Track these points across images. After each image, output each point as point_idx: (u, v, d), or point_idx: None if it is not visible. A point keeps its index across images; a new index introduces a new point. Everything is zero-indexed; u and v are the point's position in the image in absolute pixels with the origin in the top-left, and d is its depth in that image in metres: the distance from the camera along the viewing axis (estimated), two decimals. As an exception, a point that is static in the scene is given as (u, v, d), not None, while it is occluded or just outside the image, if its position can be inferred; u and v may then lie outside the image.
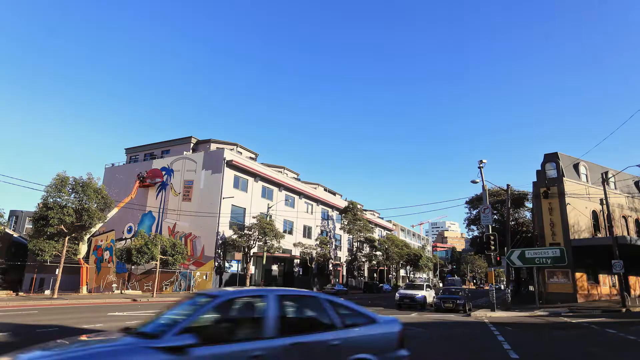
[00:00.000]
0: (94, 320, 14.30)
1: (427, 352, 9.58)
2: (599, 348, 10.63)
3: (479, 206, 41.03)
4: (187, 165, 43.12)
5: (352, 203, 55.26)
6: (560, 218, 29.82)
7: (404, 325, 5.71)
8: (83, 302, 24.18)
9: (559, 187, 30.14)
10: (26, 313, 17.30)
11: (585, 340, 12.13)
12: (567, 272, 28.96)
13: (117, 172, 49.02)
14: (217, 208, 39.25)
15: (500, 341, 11.09)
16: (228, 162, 40.69)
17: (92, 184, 30.01)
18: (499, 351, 9.52)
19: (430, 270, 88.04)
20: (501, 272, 61.29)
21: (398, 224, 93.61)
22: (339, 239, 60.74)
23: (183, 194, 42.27)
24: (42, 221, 28.66)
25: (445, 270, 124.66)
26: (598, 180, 31.76)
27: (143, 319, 15.48)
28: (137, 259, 31.94)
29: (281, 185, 48.51)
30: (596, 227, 31.92)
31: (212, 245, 38.63)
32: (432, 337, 12.39)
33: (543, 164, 32.36)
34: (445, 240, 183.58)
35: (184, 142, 47.44)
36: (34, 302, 22.90)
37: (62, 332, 11.22)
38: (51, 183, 28.91)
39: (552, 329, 14.69)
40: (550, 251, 23.92)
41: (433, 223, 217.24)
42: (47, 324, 13.02)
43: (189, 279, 38.16)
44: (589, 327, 15.22)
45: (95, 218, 30.10)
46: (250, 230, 37.66)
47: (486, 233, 23.51)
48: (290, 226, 49.08)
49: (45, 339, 7.65)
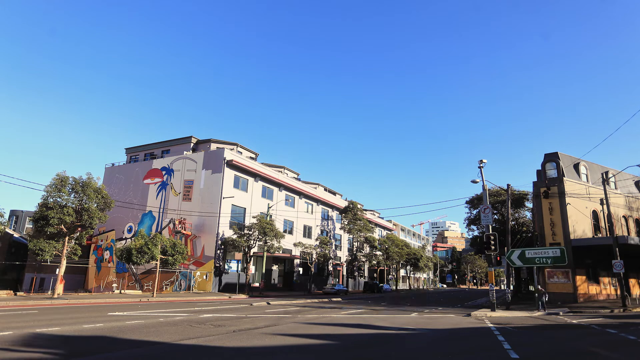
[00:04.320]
0: (94, 320, 14.31)
1: (427, 351, 9.58)
2: (599, 348, 10.62)
3: (479, 206, 41.03)
4: (187, 165, 43.13)
5: (352, 203, 55.25)
6: (560, 218, 29.82)
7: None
8: (83, 302, 24.19)
9: (559, 187, 30.14)
10: (26, 313, 17.31)
11: (586, 340, 12.13)
12: (567, 272, 28.97)
13: (117, 172, 49.04)
14: (217, 208, 39.25)
15: (501, 341, 11.09)
16: (228, 161, 40.69)
17: (92, 183, 29.99)
18: (499, 351, 9.52)
19: (430, 270, 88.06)
20: (501, 272, 61.26)
21: (398, 223, 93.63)
22: (339, 238, 60.74)
23: (183, 193, 42.28)
24: (42, 221, 28.63)
25: (446, 270, 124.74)
26: (598, 180, 31.77)
27: (143, 318, 15.52)
28: (137, 259, 31.94)
29: (281, 185, 48.52)
30: (596, 227, 31.92)
31: (212, 245, 38.64)
32: (432, 336, 12.40)
33: (543, 163, 32.37)
34: (445, 240, 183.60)
35: (184, 142, 47.45)
36: (34, 302, 22.91)
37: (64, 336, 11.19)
38: (51, 183, 28.88)
39: (552, 329, 14.69)
40: (550, 251, 23.88)
41: (433, 223, 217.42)
42: (47, 331, 13.01)
43: (189, 279, 38.18)
44: (589, 327, 15.21)
45: (96, 218, 30.10)
46: (251, 230, 37.66)
47: (486, 233, 23.51)
48: (290, 226, 49.08)
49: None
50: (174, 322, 14.23)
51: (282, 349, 9.51)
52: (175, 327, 12.64)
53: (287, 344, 10.28)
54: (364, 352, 9.52)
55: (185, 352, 8.95)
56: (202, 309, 20.57)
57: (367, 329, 13.83)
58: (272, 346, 9.79)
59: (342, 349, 10.00)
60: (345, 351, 9.79)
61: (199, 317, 16.20)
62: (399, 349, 9.80)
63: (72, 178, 29.60)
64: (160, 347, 9.36)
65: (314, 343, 10.59)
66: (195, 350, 9.17)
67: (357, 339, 11.54)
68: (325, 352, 9.62)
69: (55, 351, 8.82)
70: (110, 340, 10.20)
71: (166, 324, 13.63)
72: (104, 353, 8.73)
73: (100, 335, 10.99)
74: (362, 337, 11.93)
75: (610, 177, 33.05)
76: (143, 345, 9.49)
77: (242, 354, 8.84)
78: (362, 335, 12.31)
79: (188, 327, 12.67)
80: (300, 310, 20.85)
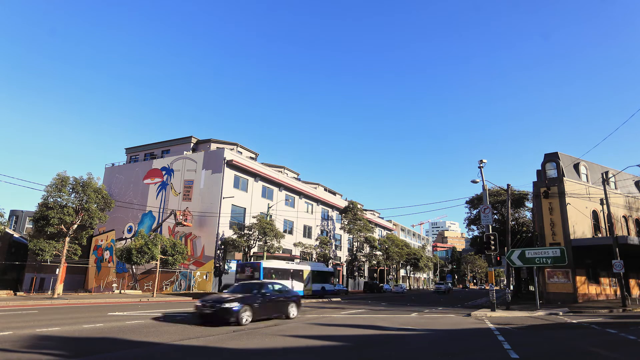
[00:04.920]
0: (94, 321, 14.31)
1: (428, 351, 9.58)
2: (600, 348, 10.62)
3: (479, 206, 41.02)
4: (187, 165, 43.14)
5: (352, 203, 55.24)
6: (560, 218, 29.82)
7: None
8: (83, 302, 24.18)
9: (559, 187, 30.14)
10: (26, 313, 17.31)
11: (586, 340, 12.13)
12: (567, 272, 28.97)
13: (117, 172, 49.05)
14: (217, 208, 39.26)
15: (501, 341, 11.09)
16: (228, 161, 40.70)
17: (92, 183, 30.00)
18: (499, 351, 9.52)
19: (430, 270, 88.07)
20: (501, 272, 61.29)
21: (398, 223, 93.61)
22: (339, 238, 60.75)
23: (183, 193, 42.29)
24: (42, 221, 28.64)
25: (446, 270, 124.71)
26: (598, 180, 31.77)
27: (143, 318, 15.48)
28: (137, 259, 31.95)
29: (281, 185, 48.52)
30: (596, 227, 31.92)
31: (212, 245, 38.64)
32: (432, 336, 12.40)
33: (543, 163, 32.37)
34: (445, 240, 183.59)
35: (184, 142, 47.47)
36: (34, 302, 22.91)
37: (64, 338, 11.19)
38: (51, 183, 28.90)
39: (552, 329, 14.69)
40: (550, 251, 23.88)
41: (433, 223, 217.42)
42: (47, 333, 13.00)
43: (189, 279, 38.18)
44: (589, 327, 15.21)
45: (96, 218, 30.11)
46: (251, 230, 37.65)
47: (486, 233, 23.50)
48: (290, 226, 49.09)
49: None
50: (174, 322, 14.23)
51: (282, 350, 9.52)
52: (176, 327, 12.65)
53: (287, 344, 10.28)
54: (364, 351, 9.52)
55: (185, 352, 8.96)
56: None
57: (367, 329, 13.83)
58: (272, 347, 9.79)
59: (342, 349, 10.01)
60: (345, 351, 9.79)
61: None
62: (399, 349, 9.80)
63: (72, 178, 29.61)
64: (160, 347, 9.37)
65: (314, 343, 10.59)
66: (195, 350, 9.17)
67: (357, 339, 11.54)
68: (325, 352, 9.62)
69: (55, 351, 8.83)
70: (111, 341, 10.21)
71: (166, 324, 13.64)
72: (104, 353, 8.74)
73: (100, 335, 10.99)
74: (362, 337, 11.92)
75: (610, 177, 33.05)
76: (143, 346, 9.49)
77: (242, 354, 8.84)
78: (362, 336, 12.31)
79: (188, 327, 12.67)
80: (300, 310, 20.82)
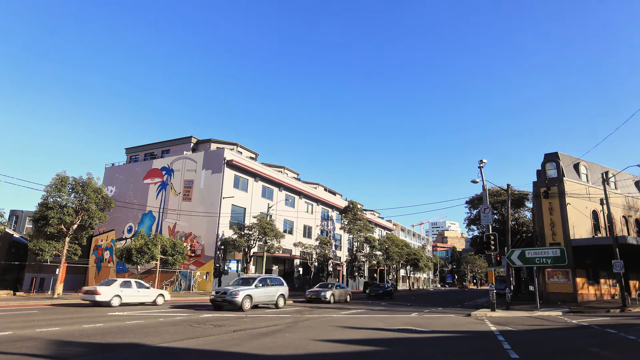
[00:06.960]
0: (94, 320, 14.31)
1: (428, 351, 9.59)
2: (599, 348, 10.62)
3: (479, 206, 41.02)
4: (187, 165, 43.14)
5: (352, 203, 55.24)
6: (560, 218, 29.84)
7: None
8: (84, 302, 24.16)
9: (559, 187, 30.16)
10: (26, 313, 17.31)
11: (586, 341, 12.14)
12: (567, 272, 28.99)
13: (117, 172, 49.04)
14: (217, 208, 39.26)
15: (501, 341, 11.09)
16: (228, 161, 40.70)
17: (92, 183, 30.02)
18: (499, 351, 9.52)
19: (430, 270, 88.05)
20: (501, 272, 61.30)
21: (398, 223, 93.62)
22: (339, 238, 60.74)
23: (183, 193, 42.29)
24: (42, 221, 28.67)
25: (446, 270, 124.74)
26: (598, 180, 31.78)
27: (143, 318, 15.47)
28: (137, 259, 31.95)
29: (281, 185, 48.52)
30: (596, 227, 31.93)
31: (212, 245, 38.65)
32: (432, 336, 12.40)
33: (543, 163, 32.38)
34: (445, 240, 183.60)
35: (184, 142, 47.46)
36: (34, 302, 22.92)
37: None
38: (51, 183, 28.92)
39: (552, 329, 14.70)
40: (550, 251, 23.89)
41: (433, 223, 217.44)
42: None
43: (189, 279, 38.19)
44: (589, 327, 15.22)
45: (96, 218, 30.12)
46: (251, 230, 37.65)
47: (486, 233, 23.49)
48: (290, 226, 49.08)
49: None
50: (174, 322, 14.24)
51: (283, 350, 9.51)
52: (176, 327, 12.65)
53: (287, 345, 10.28)
54: (364, 352, 9.52)
55: (185, 353, 8.96)
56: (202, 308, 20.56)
57: (367, 329, 13.84)
58: (272, 347, 9.79)
59: (341, 349, 10.01)
60: (345, 350, 9.79)
61: (199, 317, 16.21)
62: (399, 349, 9.80)
63: (72, 178, 29.63)
64: (160, 347, 9.37)
65: (314, 344, 10.59)
66: (195, 350, 9.17)
67: (357, 339, 11.55)
68: (324, 352, 9.62)
69: (55, 352, 8.83)
70: (111, 340, 10.21)
71: (166, 324, 13.64)
72: (105, 353, 8.74)
73: (100, 335, 10.99)
74: (362, 337, 11.93)
75: (610, 177, 33.06)
76: (143, 346, 9.50)
77: (243, 355, 8.84)
78: (362, 336, 12.32)
79: (188, 327, 12.67)
80: (300, 311, 20.86)
